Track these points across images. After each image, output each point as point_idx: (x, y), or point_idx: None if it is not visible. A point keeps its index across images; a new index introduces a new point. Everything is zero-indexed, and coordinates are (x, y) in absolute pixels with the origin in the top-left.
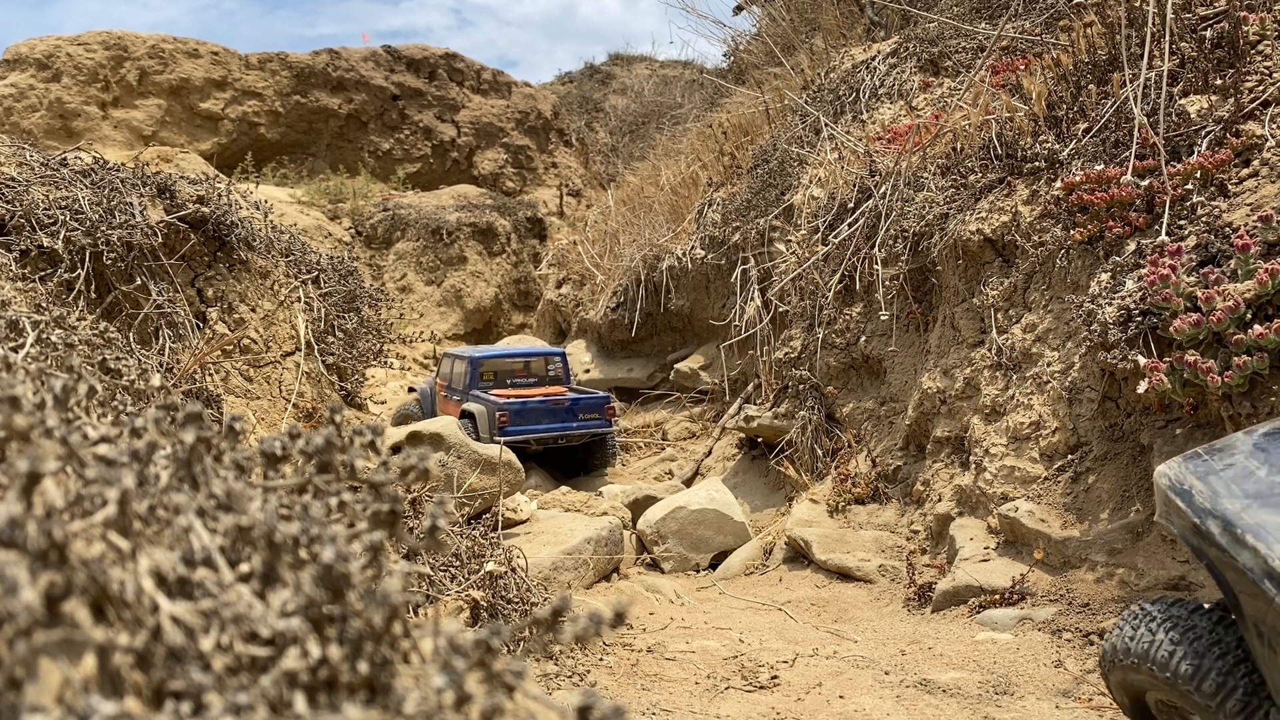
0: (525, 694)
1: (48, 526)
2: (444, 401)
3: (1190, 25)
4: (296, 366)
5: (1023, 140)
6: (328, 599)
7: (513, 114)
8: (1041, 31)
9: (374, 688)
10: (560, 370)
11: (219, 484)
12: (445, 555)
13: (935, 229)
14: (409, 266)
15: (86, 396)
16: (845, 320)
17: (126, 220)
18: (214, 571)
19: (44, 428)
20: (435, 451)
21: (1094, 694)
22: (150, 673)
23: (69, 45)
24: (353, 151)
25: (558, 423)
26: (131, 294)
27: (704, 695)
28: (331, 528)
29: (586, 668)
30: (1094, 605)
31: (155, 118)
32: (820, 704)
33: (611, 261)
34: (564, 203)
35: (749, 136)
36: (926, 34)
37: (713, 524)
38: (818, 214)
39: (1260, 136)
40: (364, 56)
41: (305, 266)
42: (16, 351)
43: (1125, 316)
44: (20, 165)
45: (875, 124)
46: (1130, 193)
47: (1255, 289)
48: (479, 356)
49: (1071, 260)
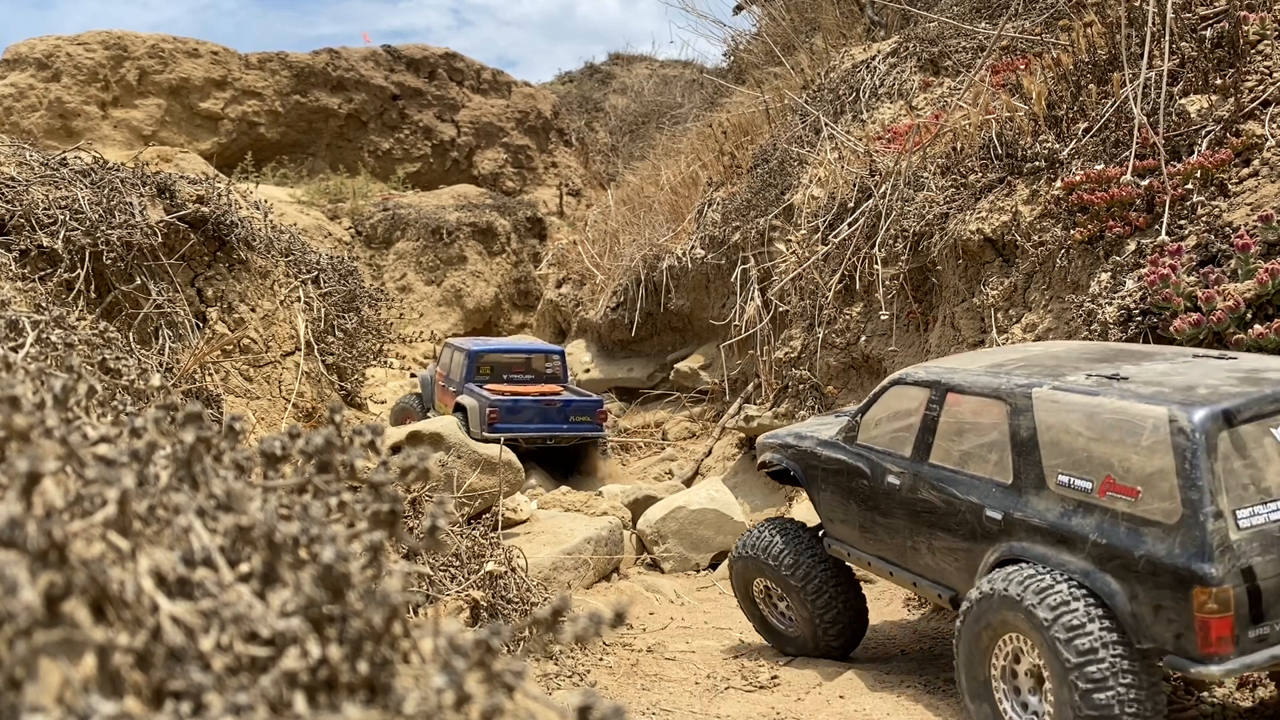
0: (525, 694)
1: (48, 526)
2: (441, 392)
3: (1190, 25)
4: (296, 366)
5: (1023, 140)
6: (328, 599)
7: (513, 114)
8: (1041, 31)
9: (374, 688)
10: (558, 368)
11: (219, 484)
12: (445, 555)
13: (935, 229)
14: (409, 266)
15: (86, 396)
16: (845, 320)
17: (126, 220)
18: (214, 571)
19: (44, 428)
20: (435, 451)
21: None
22: (150, 673)
23: (69, 45)
24: (353, 151)
25: (548, 423)
26: (131, 294)
27: (704, 695)
28: (331, 528)
29: (586, 668)
30: None
31: (155, 117)
32: (820, 704)
33: (611, 261)
34: (564, 202)
35: (749, 136)
36: (926, 34)
37: (713, 524)
38: (818, 214)
39: (1260, 136)
40: (364, 56)
41: (305, 266)
42: (16, 351)
43: (1125, 316)
44: (20, 165)
45: (875, 124)
46: (1130, 192)
47: (1255, 289)
48: (477, 350)
49: (1071, 260)
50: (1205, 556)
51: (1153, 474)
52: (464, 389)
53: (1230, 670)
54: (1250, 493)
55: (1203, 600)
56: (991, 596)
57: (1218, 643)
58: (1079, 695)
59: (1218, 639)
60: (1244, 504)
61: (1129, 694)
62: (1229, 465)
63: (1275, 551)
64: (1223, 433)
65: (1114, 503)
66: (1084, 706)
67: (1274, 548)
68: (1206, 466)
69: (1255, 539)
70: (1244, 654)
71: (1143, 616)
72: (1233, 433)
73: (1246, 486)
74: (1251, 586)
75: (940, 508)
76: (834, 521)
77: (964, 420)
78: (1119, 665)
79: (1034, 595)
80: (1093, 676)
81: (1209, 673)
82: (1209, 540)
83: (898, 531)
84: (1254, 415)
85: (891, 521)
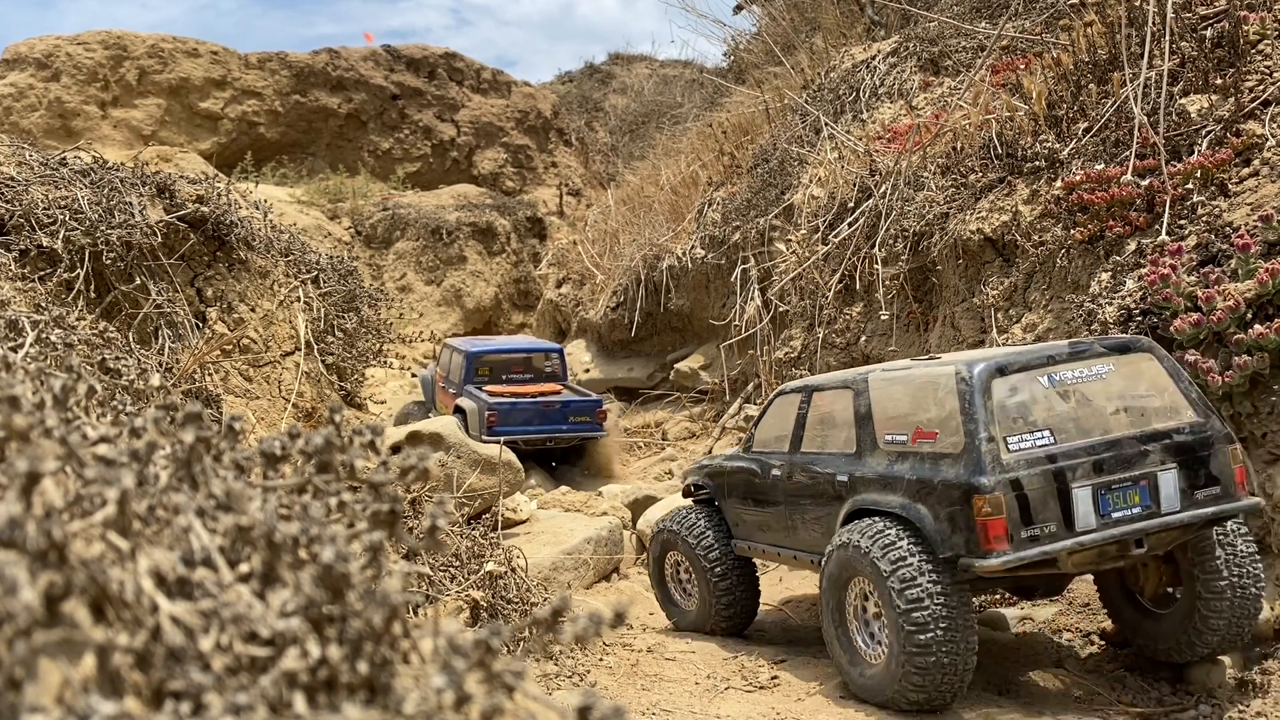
0: (525, 694)
1: (47, 526)
2: (441, 393)
3: (1190, 25)
4: (296, 366)
5: (1023, 140)
6: (327, 599)
7: (512, 113)
8: (1041, 31)
9: (374, 688)
10: (557, 367)
11: (219, 484)
12: (445, 555)
13: (935, 228)
14: (409, 266)
15: (86, 396)
16: (845, 320)
17: (126, 220)
18: (214, 571)
19: (43, 428)
20: (435, 451)
21: (1094, 694)
22: (150, 673)
23: (68, 45)
24: (352, 151)
25: (548, 424)
26: (131, 294)
27: (704, 695)
28: (331, 528)
29: (586, 668)
30: (1094, 605)
31: (155, 117)
32: (820, 704)
33: (611, 261)
34: (564, 202)
35: (749, 136)
36: (927, 33)
37: None
38: (818, 213)
39: (1261, 136)
40: (363, 56)
41: (305, 266)
42: (16, 351)
43: (1126, 316)
44: (20, 165)
45: (875, 123)
46: (1130, 192)
47: (1256, 288)
48: (475, 351)
49: (1072, 260)
50: (981, 471)
51: (946, 417)
52: (463, 391)
53: (1007, 562)
54: (1019, 425)
55: (980, 505)
56: (845, 546)
57: (995, 540)
58: (899, 609)
59: (994, 537)
60: (1014, 433)
61: (939, 602)
62: (1002, 404)
63: (1039, 469)
64: (995, 380)
65: (921, 447)
66: (900, 608)
67: (1038, 465)
68: (981, 405)
69: (1022, 459)
70: (1018, 550)
71: (943, 530)
72: (1004, 380)
73: (1016, 420)
74: (1020, 495)
75: (809, 485)
76: (738, 524)
77: (824, 412)
78: (927, 572)
79: (867, 539)
80: (910, 583)
81: (989, 565)
82: (984, 460)
83: (782, 516)
84: (1022, 367)
85: (777, 509)
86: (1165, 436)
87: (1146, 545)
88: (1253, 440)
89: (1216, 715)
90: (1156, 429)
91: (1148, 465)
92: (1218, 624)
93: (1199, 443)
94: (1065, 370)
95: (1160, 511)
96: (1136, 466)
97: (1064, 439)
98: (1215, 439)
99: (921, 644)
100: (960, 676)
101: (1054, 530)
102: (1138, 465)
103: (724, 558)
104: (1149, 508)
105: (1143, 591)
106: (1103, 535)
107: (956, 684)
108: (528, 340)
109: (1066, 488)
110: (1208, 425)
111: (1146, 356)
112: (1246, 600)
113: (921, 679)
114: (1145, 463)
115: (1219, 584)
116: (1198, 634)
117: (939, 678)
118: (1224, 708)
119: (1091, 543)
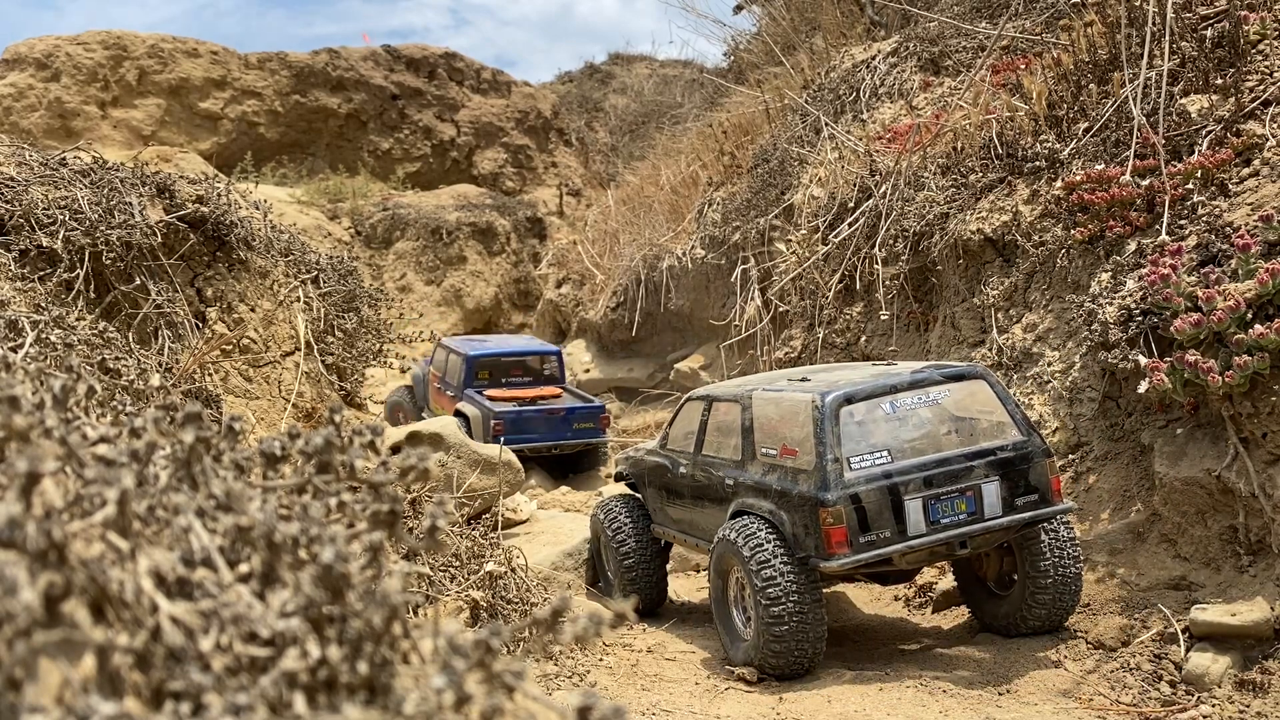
0: (525, 694)
1: (47, 526)
2: (437, 394)
3: (1190, 25)
4: (296, 366)
5: (1023, 140)
6: (327, 599)
7: (512, 113)
8: (1042, 31)
9: (374, 688)
10: (556, 369)
11: (218, 484)
12: (445, 555)
13: (935, 228)
14: (409, 266)
15: (86, 396)
16: (845, 320)
17: (126, 220)
18: (213, 572)
19: (43, 428)
20: (435, 452)
21: (1094, 694)
22: (150, 673)
23: (68, 45)
24: (352, 151)
25: (553, 432)
26: (131, 294)
27: (704, 695)
28: (331, 528)
29: (586, 668)
30: (1094, 605)
31: (155, 117)
32: (820, 704)
33: (611, 261)
34: (564, 202)
35: (749, 136)
36: (927, 33)
37: None
38: (818, 214)
39: (1261, 136)
40: (363, 56)
41: (305, 266)
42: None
43: (1126, 316)
44: (19, 165)
45: (875, 123)
46: (1131, 192)
47: (1256, 289)
48: (474, 355)
49: (1072, 260)
50: (826, 488)
51: (803, 438)
52: (463, 395)
53: (845, 564)
54: (862, 446)
55: (824, 516)
56: (725, 540)
57: (837, 545)
58: (760, 593)
59: (837, 542)
60: (856, 454)
61: (792, 591)
62: (847, 428)
63: (876, 484)
64: (843, 408)
65: (786, 461)
66: (762, 596)
67: (876, 481)
68: (830, 430)
69: (863, 477)
70: (857, 553)
71: (799, 534)
72: (851, 408)
73: (859, 442)
74: (859, 506)
75: (706, 483)
76: (655, 510)
77: (721, 420)
78: (784, 569)
79: (741, 537)
80: (770, 580)
81: (831, 566)
82: (829, 478)
83: (687, 507)
84: (868, 395)
85: (684, 500)
86: (990, 454)
87: (970, 545)
88: (1253, 440)
89: (1217, 715)
90: (983, 447)
91: (973, 478)
92: (1044, 599)
93: (1019, 458)
94: (905, 397)
95: (984, 517)
96: (963, 480)
97: (900, 458)
98: (1034, 454)
99: (776, 618)
100: (812, 646)
101: (889, 535)
102: (964, 479)
103: (630, 542)
104: (974, 514)
105: (986, 577)
106: (931, 539)
107: (809, 653)
108: (526, 342)
109: (900, 500)
110: (1029, 443)
111: (980, 383)
112: (1067, 581)
113: (778, 646)
114: (971, 476)
115: (1044, 568)
116: (1029, 609)
117: (792, 646)
118: (1224, 708)
119: (921, 545)
